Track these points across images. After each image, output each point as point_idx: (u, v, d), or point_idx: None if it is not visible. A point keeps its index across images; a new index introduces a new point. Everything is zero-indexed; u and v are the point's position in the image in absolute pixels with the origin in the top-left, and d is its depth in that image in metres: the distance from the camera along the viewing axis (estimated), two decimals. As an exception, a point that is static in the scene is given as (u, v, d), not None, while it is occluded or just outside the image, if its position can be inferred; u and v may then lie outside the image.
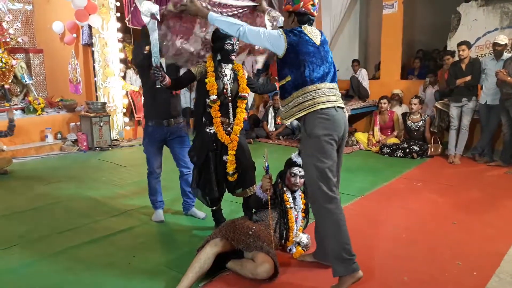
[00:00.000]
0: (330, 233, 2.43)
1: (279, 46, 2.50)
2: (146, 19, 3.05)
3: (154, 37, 3.04)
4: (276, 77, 3.51)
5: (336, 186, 2.51)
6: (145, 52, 3.10)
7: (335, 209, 2.43)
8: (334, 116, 2.47)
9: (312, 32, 2.58)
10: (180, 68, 3.33)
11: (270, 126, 7.80)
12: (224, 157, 3.12)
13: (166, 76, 2.97)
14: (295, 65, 2.49)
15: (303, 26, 2.58)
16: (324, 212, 2.43)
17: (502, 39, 5.32)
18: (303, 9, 2.55)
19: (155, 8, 3.06)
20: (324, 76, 2.52)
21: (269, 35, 2.51)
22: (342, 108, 2.55)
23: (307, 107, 2.46)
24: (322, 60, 2.54)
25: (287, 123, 2.61)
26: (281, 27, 3.06)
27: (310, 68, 2.49)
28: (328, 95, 2.49)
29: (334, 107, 2.48)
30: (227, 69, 3.11)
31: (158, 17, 3.09)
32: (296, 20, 2.60)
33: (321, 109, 2.43)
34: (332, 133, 2.45)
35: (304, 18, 2.59)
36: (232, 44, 3.01)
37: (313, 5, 2.56)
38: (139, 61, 3.36)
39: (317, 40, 2.57)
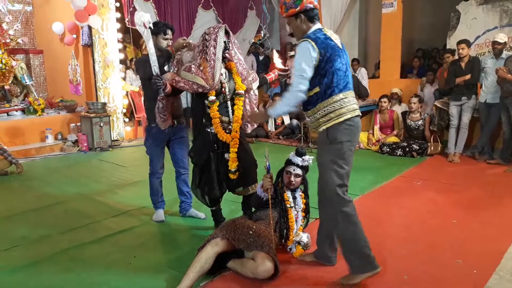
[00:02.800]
0: (350, 235, 2.47)
1: (314, 59, 2.39)
2: (140, 29, 3.07)
3: (150, 45, 3.06)
4: (272, 74, 3.52)
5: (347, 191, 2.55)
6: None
7: (351, 211, 2.48)
8: (357, 123, 2.50)
9: (333, 35, 2.53)
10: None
11: (270, 126, 7.80)
12: (226, 155, 3.13)
13: (167, 84, 2.98)
14: (324, 73, 2.42)
15: (323, 28, 2.52)
16: (342, 216, 2.47)
17: (502, 37, 5.32)
18: (308, 4, 2.48)
19: (147, 17, 3.07)
20: (348, 83, 2.49)
21: (305, 62, 2.39)
22: (360, 116, 2.57)
23: (334, 117, 2.44)
24: (346, 66, 2.51)
25: (318, 131, 2.58)
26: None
27: (338, 75, 2.43)
28: (352, 103, 2.48)
29: (358, 115, 2.50)
30: (222, 69, 3.11)
31: (151, 25, 3.11)
32: (305, 18, 2.51)
33: (348, 118, 2.44)
34: (353, 140, 2.49)
35: (313, 13, 2.51)
36: (225, 42, 3.02)
37: None
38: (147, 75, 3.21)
39: (339, 43, 2.52)
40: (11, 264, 2.96)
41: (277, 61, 3.74)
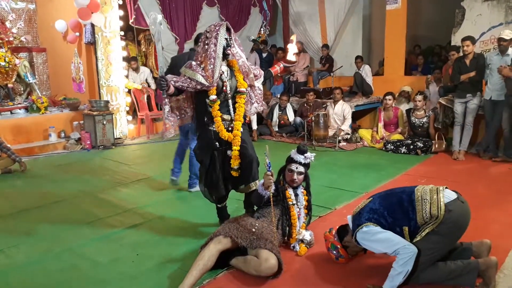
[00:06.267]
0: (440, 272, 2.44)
1: (381, 230, 2.46)
2: (154, 29, 3.09)
3: (159, 47, 3.08)
4: (277, 67, 3.50)
5: None
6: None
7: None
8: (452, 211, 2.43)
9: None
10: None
11: (274, 126, 7.75)
12: (228, 152, 3.12)
13: (171, 86, 2.97)
14: (394, 219, 2.48)
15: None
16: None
17: (507, 34, 5.26)
18: (335, 237, 2.72)
19: (159, 18, 3.10)
20: (405, 193, 2.63)
21: (382, 238, 2.43)
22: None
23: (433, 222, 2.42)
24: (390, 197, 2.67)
25: None
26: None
27: (400, 205, 2.51)
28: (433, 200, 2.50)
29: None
30: (223, 66, 3.08)
31: (162, 27, 3.13)
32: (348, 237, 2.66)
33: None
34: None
35: (344, 231, 2.71)
36: (226, 39, 3.00)
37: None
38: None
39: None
40: (16, 261, 2.97)
41: (291, 51, 3.56)
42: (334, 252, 2.73)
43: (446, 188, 2.50)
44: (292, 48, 3.46)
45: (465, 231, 2.47)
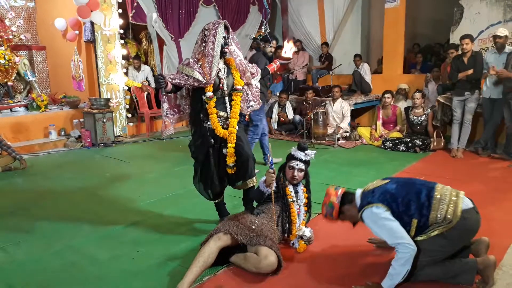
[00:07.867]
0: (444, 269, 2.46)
1: (389, 215, 2.43)
2: (151, 29, 3.11)
3: (156, 45, 3.11)
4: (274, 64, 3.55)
5: None
6: None
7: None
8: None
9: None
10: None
11: (274, 124, 7.77)
12: (224, 150, 3.14)
13: (169, 83, 2.99)
14: (406, 208, 2.43)
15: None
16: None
17: (501, 31, 5.26)
18: (337, 197, 2.62)
19: (154, 16, 3.13)
20: (425, 186, 2.56)
21: (388, 224, 2.41)
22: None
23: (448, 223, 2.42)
24: (407, 183, 2.61)
25: None
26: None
27: (417, 197, 2.46)
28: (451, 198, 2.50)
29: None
30: (220, 64, 3.10)
31: (157, 25, 3.15)
32: (348, 204, 2.61)
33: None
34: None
35: (347, 195, 2.64)
36: (224, 38, 3.02)
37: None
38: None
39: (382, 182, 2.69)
40: (16, 259, 2.98)
41: (286, 49, 3.62)
42: (329, 208, 2.66)
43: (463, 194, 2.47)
44: (287, 46, 3.52)
45: (471, 240, 2.48)
